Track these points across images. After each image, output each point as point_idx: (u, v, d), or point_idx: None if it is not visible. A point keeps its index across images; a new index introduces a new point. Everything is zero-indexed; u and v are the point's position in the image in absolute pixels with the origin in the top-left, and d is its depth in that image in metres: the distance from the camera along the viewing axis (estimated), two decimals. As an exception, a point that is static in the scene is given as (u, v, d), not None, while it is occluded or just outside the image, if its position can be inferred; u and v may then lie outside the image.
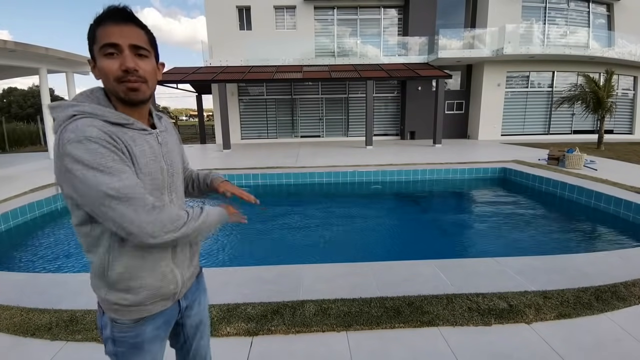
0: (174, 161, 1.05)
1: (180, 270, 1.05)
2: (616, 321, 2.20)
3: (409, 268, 2.97)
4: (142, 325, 0.99)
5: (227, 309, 2.35)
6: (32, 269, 3.75)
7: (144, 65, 0.89)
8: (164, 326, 1.07)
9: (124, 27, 0.87)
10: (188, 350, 1.21)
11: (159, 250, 0.97)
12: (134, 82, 0.88)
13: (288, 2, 14.45)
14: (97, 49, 0.87)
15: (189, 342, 1.20)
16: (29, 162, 10.00)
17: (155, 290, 0.99)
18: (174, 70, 13.57)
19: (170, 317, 1.08)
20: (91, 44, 0.88)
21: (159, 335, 1.05)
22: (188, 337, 1.19)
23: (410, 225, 5.31)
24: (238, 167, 8.18)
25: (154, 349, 1.04)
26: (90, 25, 0.88)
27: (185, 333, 1.18)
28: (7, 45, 8.47)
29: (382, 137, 15.26)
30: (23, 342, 2.09)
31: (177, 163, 1.07)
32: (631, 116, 15.71)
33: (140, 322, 0.99)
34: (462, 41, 13.87)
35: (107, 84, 0.89)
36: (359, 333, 2.14)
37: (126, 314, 0.97)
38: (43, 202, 5.47)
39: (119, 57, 0.86)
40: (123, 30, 0.86)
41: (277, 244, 4.43)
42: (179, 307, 1.10)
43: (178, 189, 1.08)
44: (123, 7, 0.87)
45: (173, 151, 1.06)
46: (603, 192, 5.31)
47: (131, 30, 0.88)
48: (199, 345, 1.22)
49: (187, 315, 1.15)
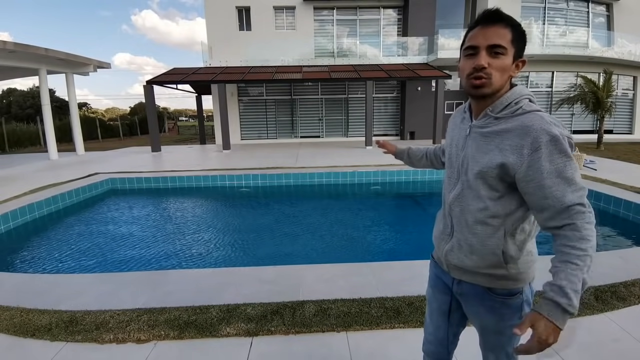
0: (467, 158, 1.08)
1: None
2: (616, 321, 2.20)
3: (409, 268, 2.97)
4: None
5: (226, 309, 2.34)
6: (31, 269, 3.75)
7: (495, 62, 0.98)
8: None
9: (488, 29, 0.98)
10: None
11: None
12: (478, 79, 0.99)
13: (287, 2, 14.46)
14: (462, 51, 1.04)
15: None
16: (28, 162, 9.99)
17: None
18: (173, 71, 13.58)
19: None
20: (461, 47, 1.06)
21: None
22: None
23: (410, 225, 5.31)
24: (238, 168, 8.18)
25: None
26: (467, 31, 1.04)
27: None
28: (7, 46, 8.47)
29: (381, 137, 15.26)
30: (23, 342, 2.09)
31: (471, 162, 1.06)
32: (631, 116, 15.72)
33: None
34: (462, 41, 13.85)
35: (461, 80, 1.06)
36: (359, 333, 2.14)
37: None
38: (43, 203, 5.46)
39: (475, 57, 0.99)
40: (487, 32, 0.98)
41: (277, 245, 4.43)
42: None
43: (465, 186, 1.09)
44: (495, 9, 0.98)
45: (472, 149, 1.06)
46: (603, 192, 5.31)
47: (495, 32, 0.97)
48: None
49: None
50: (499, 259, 1.04)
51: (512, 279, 1.07)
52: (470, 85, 1.02)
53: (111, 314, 2.32)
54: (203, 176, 7.43)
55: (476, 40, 0.99)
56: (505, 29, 0.97)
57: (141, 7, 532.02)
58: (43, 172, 8.21)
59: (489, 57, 0.97)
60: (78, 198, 6.24)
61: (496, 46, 0.96)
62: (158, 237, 4.64)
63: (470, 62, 1.00)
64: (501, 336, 1.13)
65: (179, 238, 4.62)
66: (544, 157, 0.91)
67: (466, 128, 1.11)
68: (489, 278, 1.08)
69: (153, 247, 4.32)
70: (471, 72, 1.00)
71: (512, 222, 1.03)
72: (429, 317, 1.34)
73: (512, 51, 0.98)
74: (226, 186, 7.31)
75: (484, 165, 1.01)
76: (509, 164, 0.96)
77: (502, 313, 1.09)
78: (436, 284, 1.28)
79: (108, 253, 4.13)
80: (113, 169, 8.23)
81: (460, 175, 1.10)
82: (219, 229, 5.09)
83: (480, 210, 1.04)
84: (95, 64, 11.65)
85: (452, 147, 1.16)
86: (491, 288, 1.09)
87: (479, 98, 1.05)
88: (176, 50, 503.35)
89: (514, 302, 1.08)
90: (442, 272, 1.23)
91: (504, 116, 1.01)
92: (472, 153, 1.06)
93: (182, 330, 2.15)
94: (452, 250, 1.13)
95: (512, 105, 1.01)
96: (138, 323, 2.21)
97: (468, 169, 1.06)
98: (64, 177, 7.24)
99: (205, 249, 4.27)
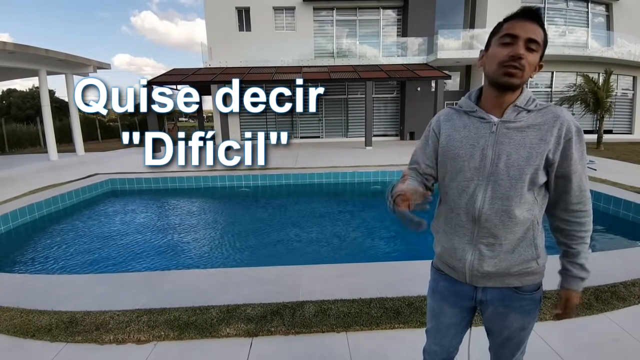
0: (502, 154, 1.03)
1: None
2: (616, 321, 2.20)
3: (409, 268, 2.97)
4: None
5: (226, 309, 2.34)
6: (31, 270, 3.74)
7: (529, 57, 0.99)
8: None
9: (528, 23, 0.99)
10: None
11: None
12: (513, 68, 0.98)
13: (287, 3, 14.46)
14: (496, 39, 1.02)
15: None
16: (28, 163, 9.99)
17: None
18: (173, 71, 13.58)
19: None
20: (492, 36, 1.05)
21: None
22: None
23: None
24: (237, 168, 8.16)
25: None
26: (499, 22, 1.04)
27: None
28: (7, 47, 8.47)
29: (381, 137, 15.25)
30: (23, 343, 2.09)
31: (509, 158, 1.02)
32: (630, 116, 15.72)
33: None
34: (461, 41, 13.88)
35: (490, 67, 1.03)
36: (359, 334, 2.14)
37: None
38: (43, 204, 5.46)
39: (513, 46, 0.98)
40: (526, 25, 0.99)
41: (277, 245, 4.43)
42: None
43: (501, 183, 1.03)
44: (536, 8, 1.01)
45: (508, 145, 1.02)
46: (602, 192, 5.32)
47: (533, 27, 0.99)
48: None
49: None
50: (533, 252, 1.08)
51: (538, 272, 1.11)
52: (503, 73, 1.00)
53: (111, 314, 2.32)
54: (203, 177, 7.43)
55: (517, 30, 0.99)
56: (540, 28, 1.00)
57: (140, 8, 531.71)
58: (43, 172, 8.21)
59: (525, 50, 0.99)
60: (78, 199, 6.24)
61: (534, 41, 0.98)
62: (158, 238, 4.64)
63: (506, 50, 0.99)
64: (524, 332, 1.17)
65: (178, 238, 4.62)
66: (574, 145, 1.02)
67: (487, 125, 1.05)
68: (519, 276, 1.09)
69: (153, 247, 4.32)
70: (506, 59, 0.99)
71: (540, 212, 1.09)
72: (436, 330, 1.28)
73: (541, 51, 1.02)
74: (226, 187, 7.32)
75: (527, 158, 1.00)
76: (550, 152, 1.00)
77: (529, 309, 1.13)
78: (447, 297, 1.21)
79: (108, 254, 4.13)
80: (113, 170, 8.23)
81: (490, 175, 1.04)
82: (218, 229, 5.09)
83: (520, 204, 1.03)
84: (95, 64, 11.66)
85: (465, 149, 1.07)
86: (519, 287, 1.11)
87: (507, 89, 1.03)
88: (175, 51, 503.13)
89: (537, 296, 1.14)
90: (456, 284, 1.17)
91: (532, 109, 1.03)
92: (511, 149, 1.01)
93: (182, 331, 2.15)
94: (484, 258, 1.07)
95: (532, 101, 1.05)
96: (138, 324, 2.21)
97: (504, 166, 1.02)
98: (64, 178, 7.24)
99: (205, 250, 4.27)
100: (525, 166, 1.00)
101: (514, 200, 1.02)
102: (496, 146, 1.03)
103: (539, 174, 1.01)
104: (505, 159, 1.02)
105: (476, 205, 1.06)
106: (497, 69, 1.01)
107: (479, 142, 1.06)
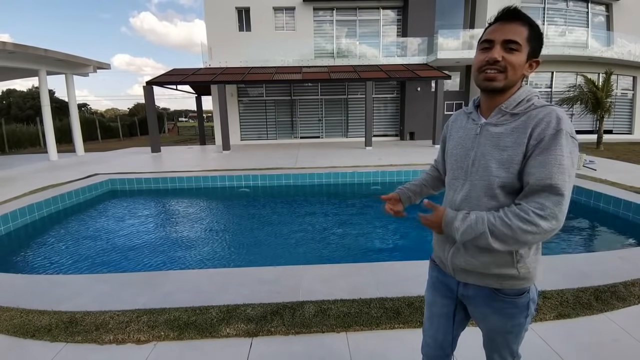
0: (479, 156, 1.05)
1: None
2: (616, 321, 2.20)
3: (409, 268, 2.97)
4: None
5: (226, 309, 2.34)
6: (31, 270, 3.74)
7: (509, 57, 0.98)
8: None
9: (506, 25, 0.99)
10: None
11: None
12: (491, 71, 1.00)
13: (287, 3, 14.46)
14: (478, 45, 1.05)
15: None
16: (28, 163, 9.99)
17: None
18: (173, 71, 13.58)
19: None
20: (478, 42, 1.06)
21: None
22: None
23: (410, 224, 5.31)
24: (238, 169, 8.18)
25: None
26: (485, 27, 1.06)
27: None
28: (7, 47, 8.47)
29: (381, 137, 15.26)
30: (23, 343, 2.09)
31: (485, 160, 1.03)
32: (630, 116, 15.72)
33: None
34: (461, 41, 13.88)
35: (473, 74, 1.07)
36: (359, 334, 2.14)
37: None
38: (43, 204, 5.46)
39: (490, 50, 1.00)
40: (504, 27, 0.99)
41: (277, 245, 4.43)
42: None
43: (476, 185, 1.06)
44: (514, 7, 1.01)
45: (484, 147, 1.04)
46: (602, 192, 5.31)
47: (511, 28, 0.99)
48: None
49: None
50: (509, 258, 1.04)
51: (521, 278, 1.07)
52: (483, 78, 1.02)
53: (111, 314, 2.32)
54: (203, 177, 7.43)
55: (492, 34, 1.00)
56: (522, 26, 0.99)
57: (140, 9, 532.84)
58: (43, 172, 8.21)
59: (504, 52, 0.99)
60: (78, 199, 6.24)
61: (511, 42, 0.98)
62: (158, 238, 4.64)
63: (484, 56, 1.01)
64: (508, 335, 1.15)
65: (178, 238, 4.62)
66: (557, 144, 0.92)
67: (475, 127, 1.10)
68: (498, 279, 1.08)
69: (153, 247, 4.32)
70: (483, 65, 1.01)
71: None
72: (429, 320, 1.32)
73: (527, 49, 1.00)
74: (226, 187, 7.32)
75: (502, 162, 0.99)
76: (526, 153, 0.96)
77: (511, 313, 1.10)
78: (438, 287, 1.26)
79: (108, 253, 4.13)
80: (113, 170, 8.23)
81: (469, 175, 1.08)
82: (218, 229, 5.09)
83: (492, 208, 1.02)
84: (94, 64, 11.65)
85: (458, 149, 1.14)
86: (499, 289, 1.09)
87: (490, 93, 1.05)
88: (175, 51, 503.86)
89: (521, 301, 1.10)
90: (445, 275, 1.22)
91: (519, 112, 1.01)
92: (486, 151, 1.03)
93: (182, 331, 2.15)
94: (459, 252, 1.12)
95: (524, 102, 1.02)
96: (138, 324, 2.21)
97: (480, 168, 1.04)
98: (63, 178, 7.24)
99: (205, 250, 4.27)
100: (496, 169, 1.00)
101: (482, 200, 1.04)
102: (477, 148, 1.06)
103: (511, 179, 0.98)
104: (481, 161, 1.05)
105: (455, 202, 1.13)
106: (477, 75, 1.05)
107: (467, 143, 1.11)
